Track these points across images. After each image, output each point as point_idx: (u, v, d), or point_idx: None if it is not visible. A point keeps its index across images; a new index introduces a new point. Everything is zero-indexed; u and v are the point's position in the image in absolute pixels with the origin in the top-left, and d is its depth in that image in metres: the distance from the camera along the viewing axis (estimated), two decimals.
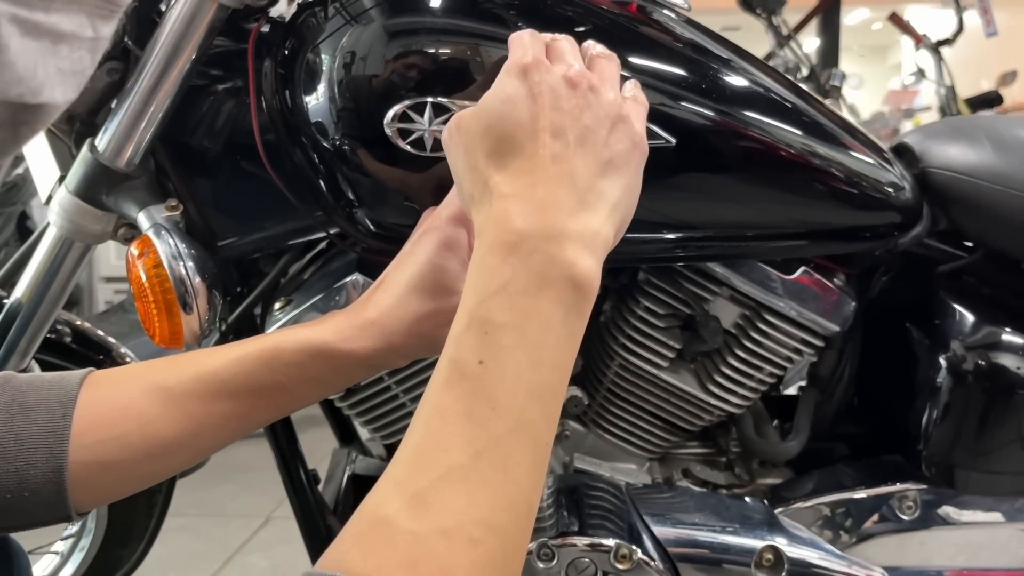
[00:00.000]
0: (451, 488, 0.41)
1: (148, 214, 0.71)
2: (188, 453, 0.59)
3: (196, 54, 0.72)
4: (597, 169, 0.49)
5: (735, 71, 0.78)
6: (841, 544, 0.92)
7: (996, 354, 0.88)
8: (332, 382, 0.60)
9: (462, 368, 0.44)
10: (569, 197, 0.48)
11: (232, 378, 0.57)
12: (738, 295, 0.88)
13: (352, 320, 0.59)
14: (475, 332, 0.45)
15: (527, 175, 0.48)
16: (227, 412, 0.58)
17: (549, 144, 0.49)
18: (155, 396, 0.57)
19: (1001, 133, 0.91)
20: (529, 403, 0.44)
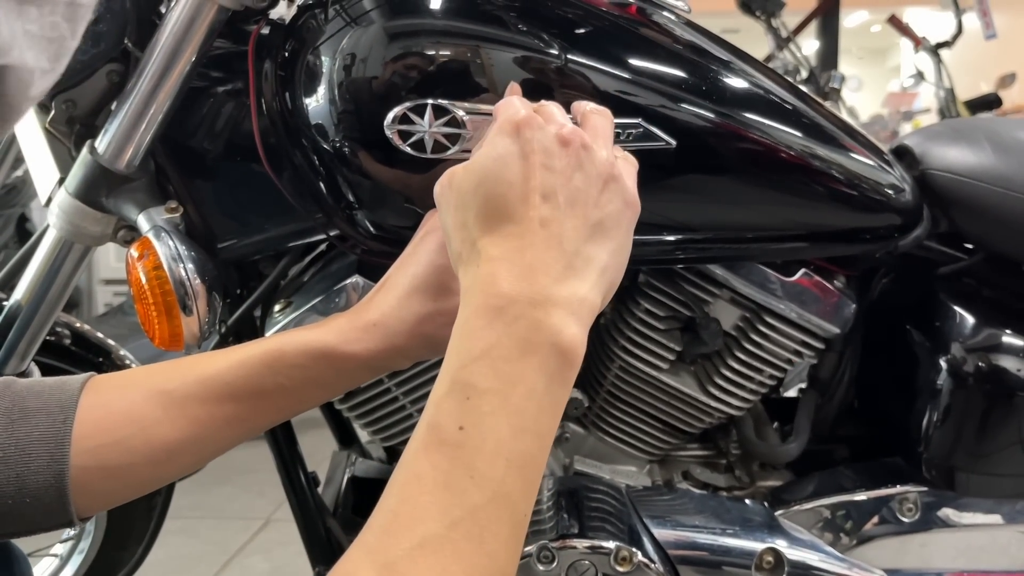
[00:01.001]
0: (424, 559, 0.40)
1: (148, 216, 0.71)
2: (190, 457, 0.58)
3: (196, 56, 0.72)
4: (586, 232, 0.49)
5: (735, 73, 0.78)
6: (841, 546, 0.92)
7: (996, 356, 0.88)
8: (335, 384, 0.60)
9: (441, 434, 0.44)
10: (557, 262, 0.47)
11: (234, 381, 0.57)
12: (738, 297, 0.88)
13: (354, 322, 0.59)
14: (456, 397, 0.45)
15: (516, 238, 0.48)
16: (229, 415, 0.58)
17: (539, 206, 0.48)
18: (157, 400, 0.57)
19: (1001, 135, 0.91)
20: (508, 473, 0.43)
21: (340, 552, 0.94)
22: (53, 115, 0.76)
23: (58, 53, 0.36)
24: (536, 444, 0.45)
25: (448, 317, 0.55)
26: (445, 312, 0.58)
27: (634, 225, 0.52)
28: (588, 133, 0.52)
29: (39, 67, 0.34)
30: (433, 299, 0.59)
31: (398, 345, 0.59)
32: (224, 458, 0.69)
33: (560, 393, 0.46)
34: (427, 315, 0.59)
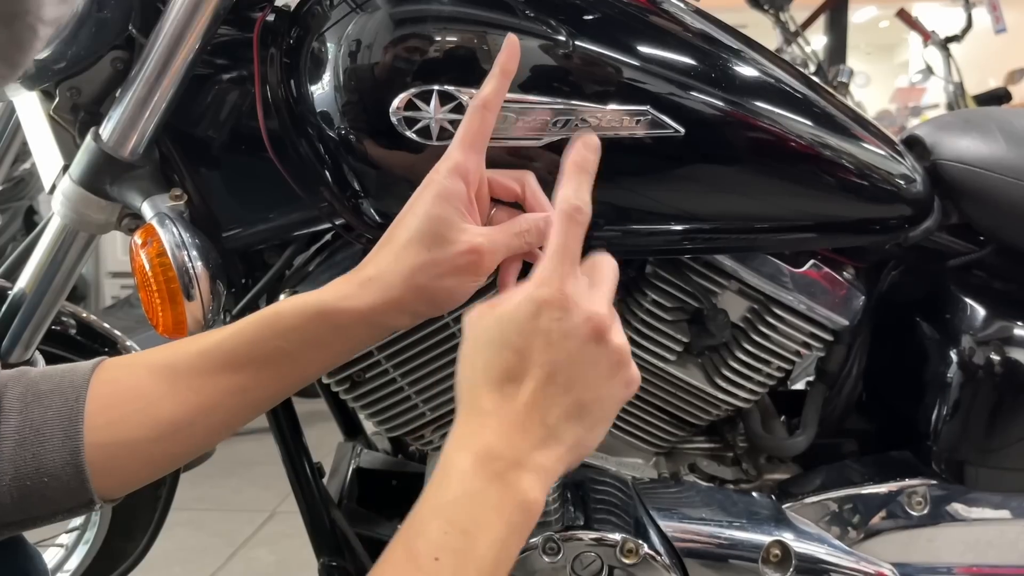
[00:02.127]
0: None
1: (152, 203, 0.71)
2: (200, 432, 0.59)
3: (201, 43, 0.71)
4: (572, 412, 0.53)
5: (745, 61, 0.78)
6: (849, 540, 0.91)
7: (1007, 349, 0.87)
8: (335, 344, 0.60)
9: (419, 560, 0.48)
10: (536, 432, 0.52)
11: (234, 348, 0.58)
12: (746, 288, 0.87)
13: (351, 279, 0.60)
14: (437, 528, 0.49)
15: (510, 399, 0.52)
16: (232, 385, 0.58)
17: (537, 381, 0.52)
18: (161, 375, 0.57)
19: (1014, 125, 0.90)
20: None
21: (345, 544, 0.93)
22: (57, 102, 0.76)
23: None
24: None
25: (442, 268, 0.58)
26: (440, 262, 0.59)
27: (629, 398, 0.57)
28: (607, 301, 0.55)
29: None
30: (428, 249, 0.59)
31: (394, 298, 0.59)
32: (230, 450, 0.69)
33: (517, 543, 0.51)
34: (421, 265, 0.59)
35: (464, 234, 0.59)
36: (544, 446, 0.52)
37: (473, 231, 0.60)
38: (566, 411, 0.53)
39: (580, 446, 0.54)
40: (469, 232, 0.59)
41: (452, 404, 0.87)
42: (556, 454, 0.53)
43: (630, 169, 0.74)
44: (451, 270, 0.59)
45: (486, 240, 0.60)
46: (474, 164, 0.62)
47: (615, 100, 0.71)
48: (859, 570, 0.85)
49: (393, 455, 1.14)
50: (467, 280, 0.60)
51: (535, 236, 0.63)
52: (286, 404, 0.91)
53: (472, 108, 0.62)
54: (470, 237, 0.59)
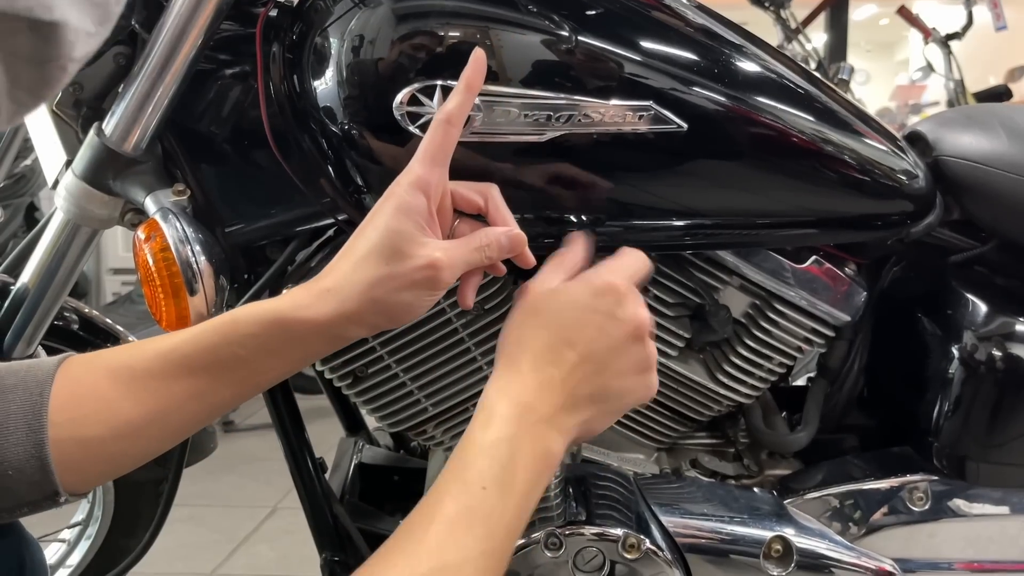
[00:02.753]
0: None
1: (155, 198, 0.71)
2: (156, 433, 0.59)
3: (203, 38, 0.71)
4: (595, 393, 0.60)
5: (747, 57, 0.78)
6: (850, 535, 0.91)
7: (1009, 344, 0.87)
8: (291, 354, 0.60)
9: (470, 488, 0.54)
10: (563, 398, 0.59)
11: (192, 353, 0.58)
12: (748, 284, 0.87)
13: (308, 289, 0.60)
14: (484, 463, 0.56)
15: (549, 366, 0.60)
16: (189, 389, 0.58)
17: (579, 359, 0.60)
18: (119, 377, 0.58)
19: (1016, 121, 0.90)
20: (506, 536, 0.55)
21: (347, 539, 0.94)
22: (60, 97, 0.76)
23: (103, 16, 0.35)
24: (521, 522, 0.56)
25: (400, 282, 0.59)
26: (397, 276, 0.59)
27: (642, 401, 0.64)
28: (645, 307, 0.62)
29: (84, 28, 0.34)
30: (386, 262, 0.59)
31: (350, 310, 0.59)
32: (232, 446, 0.68)
33: (541, 490, 0.58)
34: (379, 279, 0.59)
35: (423, 248, 0.60)
36: (567, 410, 0.59)
37: (432, 245, 0.60)
38: (592, 390, 0.60)
39: (590, 424, 0.61)
40: (428, 247, 0.60)
41: (454, 399, 0.88)
42: (574, 421, 0.60)
43: (632, 164, 0.74)
44: (408, 284, 0.59)
45: (444, 255, 0.60)
46: (436, 178, 0.62)
47: (618, 95, 0.71)
48: (860, 565, 0.85)
49: (395, 451, 1.14)
50: (424, 294, 0.61)
51: (495, 250, 0.64)
52: (288, 400, 0.91)
53: (436, 122, 0.63)
54: (429, 252, 0.60)
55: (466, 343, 0.84)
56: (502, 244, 0.64)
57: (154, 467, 1.16)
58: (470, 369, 0.86)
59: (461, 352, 0.85)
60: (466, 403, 0.88)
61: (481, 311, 0.83)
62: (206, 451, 1.26)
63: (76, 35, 0.34)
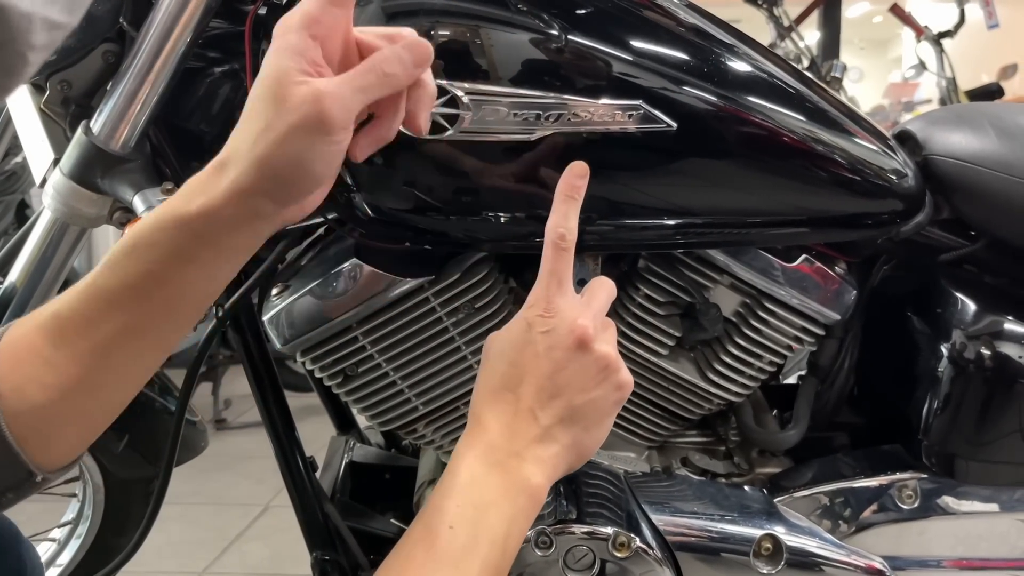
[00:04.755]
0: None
1: (143, 197, 0.70)
2: (107, 384, 0.55)
3: (192, 36, 0.71)
4: (563, 415, 0.60)
5: (738, 56, 0.78)
6: (840, 533, 0.91)
7: (998, 343, 0.87)
8: (204, 255, 0.53)
9: (436, 529, 0.54)
10: (531, 432, 0.59)
11: (106, 279, 0.53)
12: (739, 283, 0.87)
13: (201, 175, 0.53)
14: (451, 503, 0.55)
15: (508, 404, 0.60)
16: (118, 325, 0.53)
17: (532, 390, 0.60)
18: (49, 328, 0.54)
19: (1005, 120, 0.90)
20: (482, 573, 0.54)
21: (338, 537, 0.93)
22: (48, 95, 0.76)
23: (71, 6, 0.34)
24: (503, 558, 0.56)
25: (278, 131, 0.50)
26: (275, 124, 0.50)
27: (623, 401, 0.63)
28: (592, 314, 0.62)
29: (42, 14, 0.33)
30: (264, 113, 0.51)
31: (243, 183, 0.51)
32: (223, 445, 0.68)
33: (524, 524, 0.58)
34: (259, 134, 0.50)
35: (302, 86, 0.50)
36: (540, 442, 0.59)
37: (313, 82, 0.50)
38: (558, 414, 0.60)
39: (579, 446, 0.61)
40: (309, 83, 0.50)
41: (445, 398, 0.88)
42: (552, 450, 0.60)
43: (622, 164, 0.74)
44: (291, 130, 0.50)
45: (328, 85, 0.50)
46: (328, 16, 0.52)
47: (607, 94, 0.71)
48: (850, 563, 0.86)
49: (386, 449, 1.14)
50: (316, 138, 0.50)
51: (395, 65, 0.53)
52: (278, 398, 0.91)
53: None
54: (309, 88, 0.50)
55: (456, 342, 0.84)
56: (401, 57, 0.53)
57: (144, 465, 1.15)
58: (460, 368, 0.86)
59: (451, 351, 0.85)
60: (456, 402, 0.88)
61: (471, 310, 0.83)
62: (197, 449, 1.25)
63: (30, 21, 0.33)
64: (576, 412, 0.60)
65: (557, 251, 0.62)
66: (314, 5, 0.52)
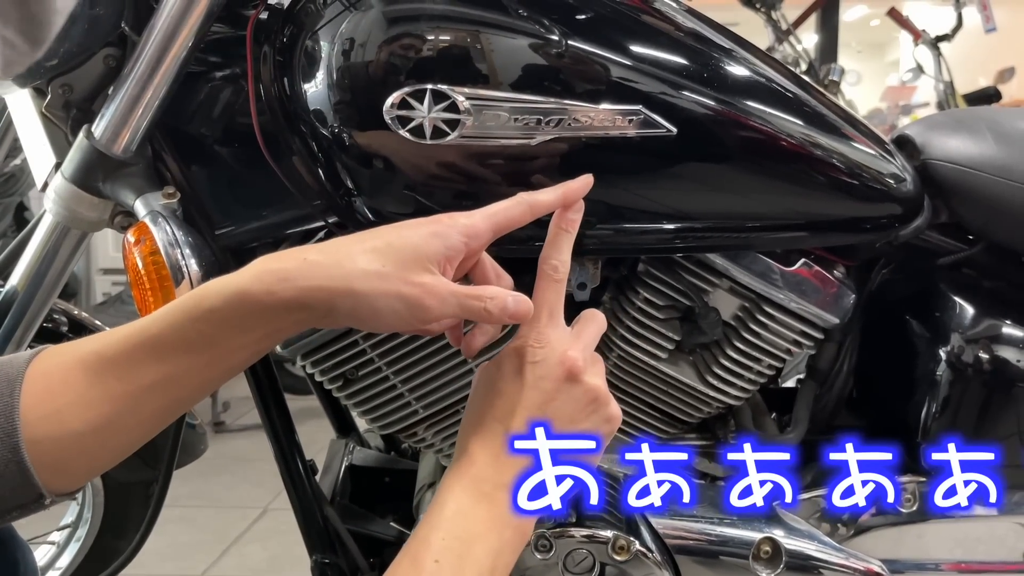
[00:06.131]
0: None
1: (145, 201, 0.71)
2: (131, 423, 0.57)
3: (193, 40, 0.71)
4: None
5: (736, 61, 0.78)
6: (839, 536, 0.92)
7: (996, 347, 0.88)
8: (256, 330, 0.56)
9: (421, 563, 0.55)
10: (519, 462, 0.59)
11: (158, 332, 0.55)
12: (738, 287, 0.88)
13: (282, 260, 0.57)
14: (436, 536, 0.56)
15: (497, 436, 0.60)
16: (158, 374, 0.55)
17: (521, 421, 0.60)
18: (90, 364, 0.55)
19: (1003, 125, 0.91)
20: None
21: (338, 541, 0.94)
22: (49, 99, 0.76)
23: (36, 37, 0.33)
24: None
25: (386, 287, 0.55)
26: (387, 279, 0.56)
27: (612, 434, 0.64)
28: (582, 347, 0.62)
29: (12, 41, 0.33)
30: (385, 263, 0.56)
31: (322, 290, 0.55)
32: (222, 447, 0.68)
33: (511, 557, 0.59)
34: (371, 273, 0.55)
35: (428, 274, 0.57)
36: None
37: (437, 277, 0.57)
38: None
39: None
40: (434, 275, 0.57)
41: (445, 401, 0.88)
42: None
43: (622, 168, 0.74)
44: (395, 295, 0.56)
45: (444, 287, 0.57)
46: (485, 240, 0.61)
47: (607, 99, 0.72)
48: (849, 566, 0.86)
49: (386, 452, 1.14)
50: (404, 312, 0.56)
51: (497, 308, 0.60)
52: (278, 401, 0.91)
53: (519, 199, 0.62)
54: (431, 278, 0.57)
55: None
56: (507, 304, 0.60)
57: (144, 468, 1.15)
58: (460, 372, 0.86)
59: (451, 355, 0.85)
60: (456, 406, 0.88)
61: None
62: (197, 452, 1.25)
63: None
64: None
65: (549, 282, 0.63)
66: (484, 222, 0.60)
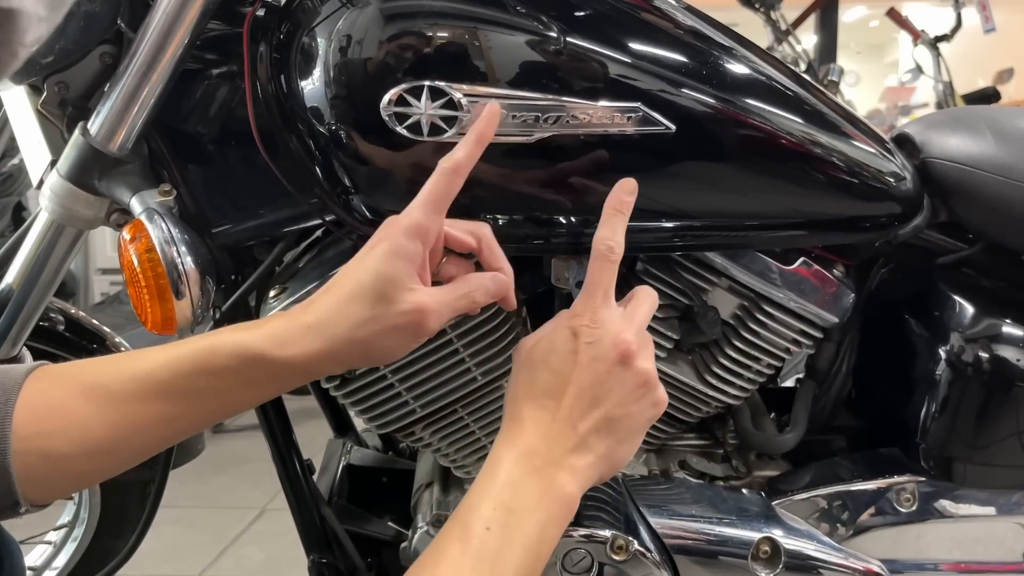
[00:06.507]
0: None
1: (141, 199, 0.70)
2: (123, 453, 0.59)
3: (190, 38, 0.71)
4: (600, 425, 0.61)
5: (736, 59, 0.78)
6: (838, 536, 0.91)
7: (996, 346, 0.88)
8: (266, 387, 0.61)
9: (471, 529, 0.56)
10: (568, 440, 0.61)
11: (167, 379, 0.58)
12: (737, 286, 0.87)
13: (289, 324, 0.60)
14: (488, 505, 0.57)
15: (546, 411, 0.62)
16: (160, 414, 0.58)
17: (569, 397, 0.61)
18: (92, 395, 0.57)
19: (1003, 123, 0.91)
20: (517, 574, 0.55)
21: (335, 540, 0.93)
22: (45, 97, 0.75)
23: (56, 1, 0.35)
24: (537, 563, 0.57)
25: (384, 326, 0.59)
26: (381, 320, 0.59)
27: (656, 418, 0.65)
28: (636, 329, 0.63)
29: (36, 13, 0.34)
30: (372, 306, 0.59)
31: (331, 350, 0.59)
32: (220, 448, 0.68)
33: (557, 531, 0.59)
34: (363, 321, 0.59)
35: (411, 295, 0.60)
36: (576, 451, 0.61)
37: (421, 292, 0.60)
38: (595, 424, 0.61)
39: (611, 457, 0.62)
40: (417, 293, 0.60)
41: (442, 401, 0.88)
42: (587, 460, 0.61)
43: (621, 166, 0.74)
44: (393, 329, 0.59)
45: (432, 301, 0.60)
46: (435, 225, 0.63)
47: (606, 96, 0.71)
48: (848, 566, 0.86)
49: (383, 452, 1.14)
50: (409, 339, 0.61)
51: (481, 295, 0.64)
52: (276, 401, 0.91)
53: (441, 170, 0.63)
54: (417, 298, 0.60)
55: (454, 345, 0.84)
56: (488, 288, 0.64)
57: (141, 468, 1.14)
58: (458, 371, 0.85)
59: (449, 354, 0.85)
60: (453, 405, 0.88)
61: None
62: (194, 452, 1.25)
63: (29, 20, 0.34)
64: (612, 425, 0.62)
65: (605, 263, 0.64)
66: (422, 212, 0.62)
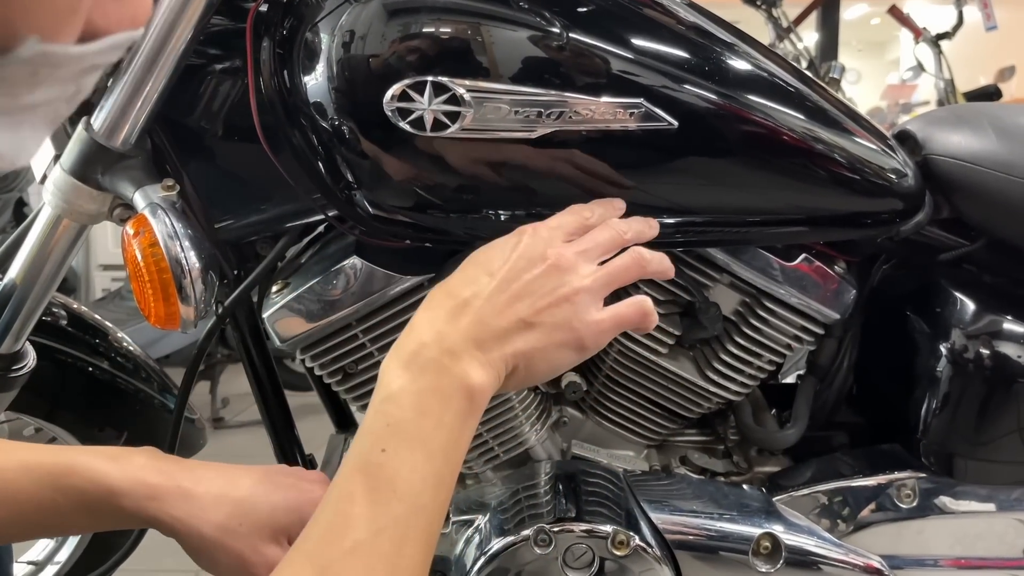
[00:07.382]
0: (355, 561, 0.48)
1: (144, 194, 0.70)
2: None
3: (193, 33, 0.71)
4: (513, 325, 0.58)
5: (738, 55, 0.78)
6: (839, 532, 0.91)
7: (997, 343, 0.88)
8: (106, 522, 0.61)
9: (368, 455, 0.52)
10: (476, 331, 0.57)
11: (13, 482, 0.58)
12: (738, 282, 0.87)
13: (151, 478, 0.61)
14: (379, 423, 0.53)
15: (455, 299, 0.58)
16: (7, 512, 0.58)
17: (489, 291, 0.58)
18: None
19: (1004, 120, 0.91)
20: (424, 489, 0.51)
21: None
22: None
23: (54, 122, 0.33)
24: (446, 467, 0.53)
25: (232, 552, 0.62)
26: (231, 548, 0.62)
27: (576, 349, 0.61)
28: (580, 250, 0.62)
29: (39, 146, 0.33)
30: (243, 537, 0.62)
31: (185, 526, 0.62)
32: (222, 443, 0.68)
33: (466, 427, 0.55)
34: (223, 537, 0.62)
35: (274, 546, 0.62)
36: (485, 343, 0.57)
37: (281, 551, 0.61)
38: (511, 322, 0.58)
39: (527, 356, 0.58)
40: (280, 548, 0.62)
41: None
42: (499, 353, 0.57)
43: (623, 162, 0.74)
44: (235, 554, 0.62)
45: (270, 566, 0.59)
46: None
47: (608, 92, 0.71)
48: (848, 562, 0.86)
49: None
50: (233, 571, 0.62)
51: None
52: (278, 396, 0.91)
53: None
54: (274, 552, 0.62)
55: None
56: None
57: None
58: None
59: None
60: None
61: None
62: (196, 447, 1.25)
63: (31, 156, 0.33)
64: (526, 327, 0.58)
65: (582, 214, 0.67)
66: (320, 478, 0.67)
